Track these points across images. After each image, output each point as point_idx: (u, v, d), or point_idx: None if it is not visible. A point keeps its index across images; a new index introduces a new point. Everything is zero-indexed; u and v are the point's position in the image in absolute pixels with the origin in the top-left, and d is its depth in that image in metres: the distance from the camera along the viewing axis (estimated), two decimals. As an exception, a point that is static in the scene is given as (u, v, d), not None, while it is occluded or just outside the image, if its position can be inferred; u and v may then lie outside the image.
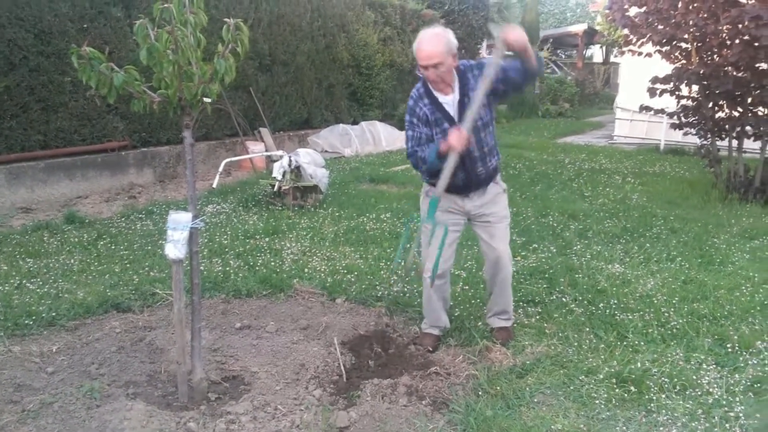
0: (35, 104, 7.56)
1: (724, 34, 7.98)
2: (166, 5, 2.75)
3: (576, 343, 3.94)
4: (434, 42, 3.48)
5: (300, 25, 11.91)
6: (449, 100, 3.66)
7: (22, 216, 7.03)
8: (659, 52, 8.73)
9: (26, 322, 4.04)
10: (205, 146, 10.09)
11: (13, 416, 3.02)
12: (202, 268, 5.00)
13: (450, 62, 3.53)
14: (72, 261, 5.31)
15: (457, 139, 3.42)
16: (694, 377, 3.53)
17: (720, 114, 8.67)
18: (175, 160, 9.47)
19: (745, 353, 3.83)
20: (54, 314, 4.17)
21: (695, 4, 7.96)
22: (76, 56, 2.81)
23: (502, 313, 4.09)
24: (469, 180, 3.75)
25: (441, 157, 3.52)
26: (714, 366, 3.69)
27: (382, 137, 12.97)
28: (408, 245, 3.91)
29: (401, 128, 14.01)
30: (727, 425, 3.07)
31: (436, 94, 3.66)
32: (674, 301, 4.62)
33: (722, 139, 8.84)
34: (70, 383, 3.34)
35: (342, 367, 3.65)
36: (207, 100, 3.03)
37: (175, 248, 3.00)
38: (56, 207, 7.50)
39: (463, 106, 3.59)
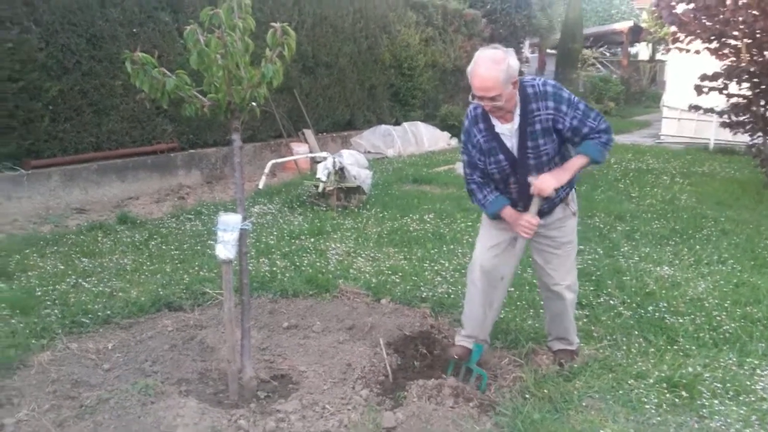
0: (88, 107, 7.77)
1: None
2: (215, 11, 2.81)
3: (625, 347, 3.89)
4: (492, 70, 3.05)
5: (342, 26, 11.99)
6: (507, 130, 3.30)
7: (76, 216, 7.24)
8: (708, 49, 8.55)
9: (83, 320, 4.17)
10: (251, 148, 10.23)
11: (71, 411, 3.12)
12: (250, 268, 5.07)
13: (509, 91, 3.13)
14: (125, 260, 5.46)
15: (524, 227, 3.30)
16: (748, 383, 3.45)
17: (772, 112, 8.46)
18: (221, 162, 9.64)
19: (801, 359, 3.73)
20: (109, 312, 4.29)
21: (744, 1, 7.77)
22: (129, 62, 2.89)
23: (562, 339, 3.77)
24: (527, 211, 3.39)
25: (498, 217, 3.45)
26: (768, 371, 3.60)
27: (424, 138, 12.96)
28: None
29: (443, 128, 14.00)
30: (782, 432, 3.00)
31: (494, 121, 3.31)
32: (726, 305, 4.52)
33: (774, 137, 8.62)
34: (126, 380, 3.43)
35: (388, 368, 3.67)
36: (254, 103, 3.09)
37: (225, 249, 3.06)
38: (109, 207, 7.71)
39: (523, 136, 3.25)
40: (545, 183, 3.21)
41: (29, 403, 3.17)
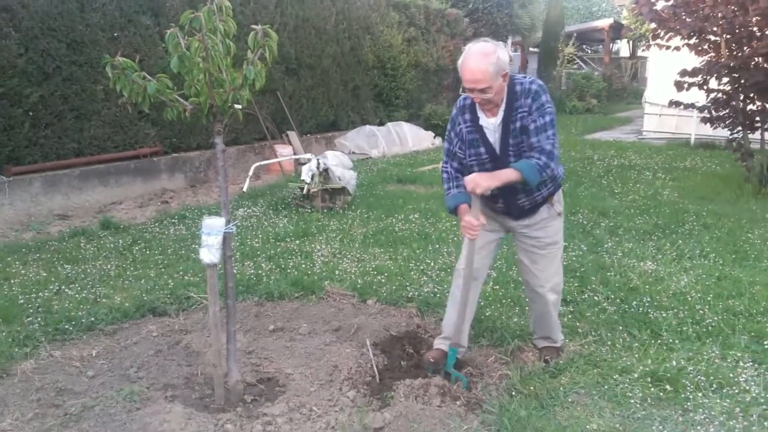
0: (69, 113, 7.71)
1: (754, 27, 7.87)
2: (196, 14, 2.80)
3: (609, 342, 3.92)
4: (482, 62, 3.08)
5: (325, 28, 11.98)
6: (491, 124, 3.30)
7: (58, 223, 7.18)
8: (688, 45, 8.63)
9: (66, 327, 4.13)
10: (234, 151, 10.20)
11: (56, 420, 3.10)
12: (234, 271, 5.06)
13: (499, 84, 3.15)
14: (108, 266, 5.42)
15: (465, 228, 3.30)
16: (731, 375, 3.49)
17: (751, 106, 8.55)
18: (205, 165, 9.60)
19: (782, 350, 3.78)
20: (93, 319, 4.26)
21: (724, -4, 7.87)
22: (110, 66, 2.87)
23: (546, 338, 3.80)
24: (509, 209, 3.45)
25: (454, 212, 3.44)
26: (751, 363, 3.64)
27: (408, 137, 12.98)
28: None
29: (427, 128, 14.03)
30: (765, 424, 3.04)
31: (480, 113, 3.33)
32: (709, 298, 4.57)
33: (754, 132, 8.71)
34: (111, 387, 3.41)
35: (375, 368, 3.67)
36: (237, 106, 3.08)
37: (209, 253, 3.04)
38: (91, 213, 7.65)
39: (505, 131, 3.26)
40: (476, 181, 3.20)
41: (13, 413, 3.14)
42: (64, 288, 4.87)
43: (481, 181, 3.19)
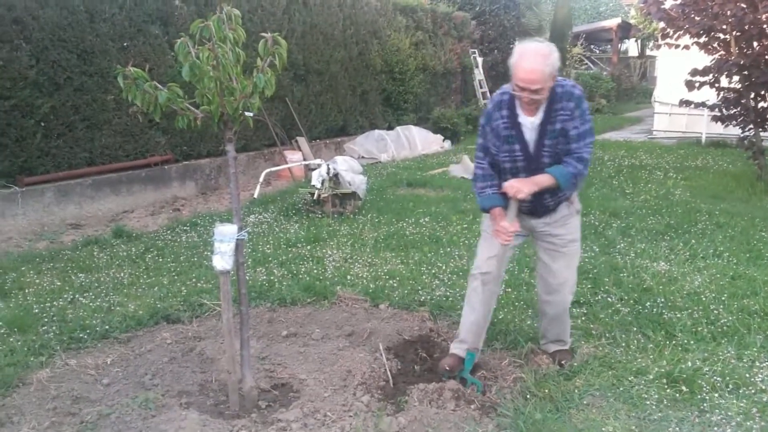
0: (80, 123, 7.77)
1: (764, 24, 7.83)
2: (205, 23, 2.82)
3: (624, 344, 3.90)
4: (539, 63, 3.05)
5: (333, 33, 12.01)
6: (529, 123, 3.28)
7: (72, 232, 7.23)
8: (697, 43, 8.59)
9: (81, 335, 4.16)
10: (244, 157, 10.24)
11: (72, 428, 3.12)
12: (247, 277, 5.07)
13: (549, 85, 3.14)
14: (122, 274, 5.45)
15: (499, 233, 3.28)
16: (747, 375, 3.46)
17: (762, 104, 8.50)
18: (216, 172, 9.64)
19: (799, 349, 3.75)
20: (107, 327, 4.28)
21: (733, -6, 7.84)
22: (121, 76, 2.89)
23: (558, 341, 3.80)
24: (534, 208, 3.44)
25: (486, 211, 3.47)
26: (767, 363, 3.61)
27: (417, 141, 12.99)
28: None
29: (436, 131, 14.03)
30: (783, 424, 3.01)
31: (518, 110, 3.30)
32: (723, 298, 4.54)
33: (765, 129, 8.65)
34: (126, 394, 3.43)
35: (388, 373, 3.67)
36: (248, 114, 3.09)
37: (222, 260, 3.06)
38: (104, 222, 7.70)
39: (543, 132, 3.25)
40: (517, 187, 3.21)
41: (29, 421, 3.16)
42: (78, 297, 4.89)
43: (523, 187, 3.19)
